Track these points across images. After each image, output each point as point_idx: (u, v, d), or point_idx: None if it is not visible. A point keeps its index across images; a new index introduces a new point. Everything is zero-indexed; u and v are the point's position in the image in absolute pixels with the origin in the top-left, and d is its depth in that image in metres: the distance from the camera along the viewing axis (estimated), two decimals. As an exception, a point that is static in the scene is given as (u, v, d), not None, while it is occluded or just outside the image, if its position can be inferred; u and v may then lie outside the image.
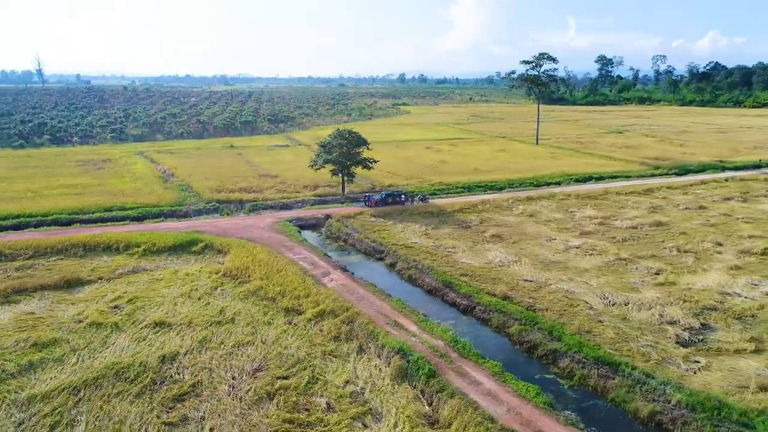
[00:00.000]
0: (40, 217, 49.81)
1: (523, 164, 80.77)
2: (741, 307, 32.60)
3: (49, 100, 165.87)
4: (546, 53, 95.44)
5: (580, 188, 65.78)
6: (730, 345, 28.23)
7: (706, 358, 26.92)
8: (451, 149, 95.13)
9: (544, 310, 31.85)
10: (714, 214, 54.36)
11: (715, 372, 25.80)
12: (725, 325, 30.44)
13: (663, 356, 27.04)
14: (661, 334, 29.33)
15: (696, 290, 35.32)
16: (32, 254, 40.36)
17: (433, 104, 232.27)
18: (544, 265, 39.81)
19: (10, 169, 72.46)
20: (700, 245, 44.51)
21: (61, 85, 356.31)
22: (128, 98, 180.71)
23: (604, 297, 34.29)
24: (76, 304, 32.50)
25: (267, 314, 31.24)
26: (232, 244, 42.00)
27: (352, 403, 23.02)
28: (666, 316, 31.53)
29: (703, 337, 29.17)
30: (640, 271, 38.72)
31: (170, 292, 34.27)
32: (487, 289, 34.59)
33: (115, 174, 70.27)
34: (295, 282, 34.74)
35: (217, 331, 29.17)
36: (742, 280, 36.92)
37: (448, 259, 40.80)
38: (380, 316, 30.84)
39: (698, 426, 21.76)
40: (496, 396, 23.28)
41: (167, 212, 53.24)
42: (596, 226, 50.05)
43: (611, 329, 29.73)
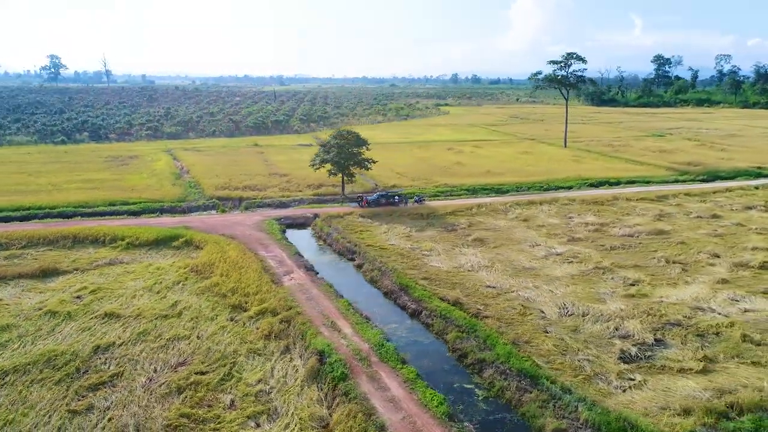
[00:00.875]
0: (48, 210, 52.71)
1: (540, 167, 78.54)
2: (708, 324, 30.59)
3: (101, 99, 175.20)
4: (574, 53, 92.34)
5: (589, 193, 63.34)
6: (676, 363, 26.57)
7: (643, 376, 25.44)
8: (473, 151, 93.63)
9: (489, 317, 30.96)
10: (726, 224, 51.12)
11: (647, 391, 24.34)
12: (681, 342, 28.65)
13: (596, 371, 25.77)
14: (607, 349, 27.94)
15: (667, 304, 33.41)
16: (25, 244, 42.82)
17: (476, 105, 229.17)
18: (515, 272, 38.69)
19: (42, 164, 77.04)
20: (695, 256, 42.04)
21: (125, 85, 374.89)
22: (176, 97, 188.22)
23: (563, 307, 32.96)
24: (44, 292, 34.25)
25: (214, 310, 31.91)
26: (210, 241, 43.10)
27: (255, 401, 23.22)
28: (621, 330, 30.01)
29: (651, 354, 27.59)
30: (615, 282, 36.97)
31: (134, 285, 35.56)
32: (441, 293, 33.93)
33: (135, 170, 73.42)
34: (252, 279, 35.29)
35: (160, 324, 30.05)
36: (724, 295, 34.62)
37: (418, 262, 40.32)
38: (320, 316, 30.89)
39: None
40: (398, 403, 22.87)
41: (167, 208, 55.16)
42: (590, 233, 48.12)
43: (553, 341, 28.57)
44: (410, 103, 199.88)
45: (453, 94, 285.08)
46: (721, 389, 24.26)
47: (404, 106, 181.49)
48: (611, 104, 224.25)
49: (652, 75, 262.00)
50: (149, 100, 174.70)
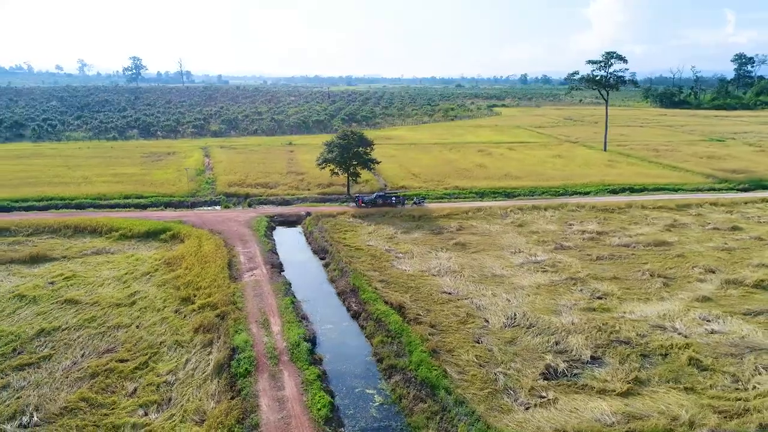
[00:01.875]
0: (67, 201, 56.61)
1: (566, 171, 75.52)
2: (660, 344, 28.53)
3: (164, 98, 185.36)
4: (614, 52, 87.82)
5: (604, 199, 60.25)
6: (601, 383, 25.00)
7: (557, 394, 24.12)
8: (503, 153, 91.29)
9: (423, 323, 30.31)
10: (742, 237, 47.22)
11: (552, 411, 23.06)
12: (619, 362, 26.87)
13: (508, 386, 24.70)
14: (534, 363, 26.68)
15: (627, 320, 31.42)
16: (31, 232, 46.24)
17: (535, 106, 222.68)
18: (481, 278, 37.59)
19: (85, 158, 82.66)
20: (687, 270, 39.22)
21: (200, 84, 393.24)
22: (233, 97, 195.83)
23: (512, 317, 31.75)
24: (25, 277, 36.91)
25: (165, 301, 33.21)
26: (194, 235, 44.76)
27: (155, 391, 24.04)
28: (561, 345, 28.59)
29: (579, 372, 26.12)
30: (582, 294, 35.13)
31: (107, 274, 37.61)
32: (388, 297, 33.53)
33: (163, 166, 77.24)
34: (211, 274, 36.39)
35: (110, 312, 31.67)
36: (696, 314, 32.11)
37: (386, 264, 40.04)
38: (258, 313, 31.44)
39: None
40: (284, 403, 22.97)
41: (175, 202, 57.77)
42: (583, 242, 45.89)
43: (479, 351, 27.63)
44: (462, 104, 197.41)
45: (517, 95, 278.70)
46: (633, 415, 22.63)
47: (455, 107, 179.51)
48: (683, 106, 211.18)
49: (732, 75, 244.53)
50: (208, 100, 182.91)
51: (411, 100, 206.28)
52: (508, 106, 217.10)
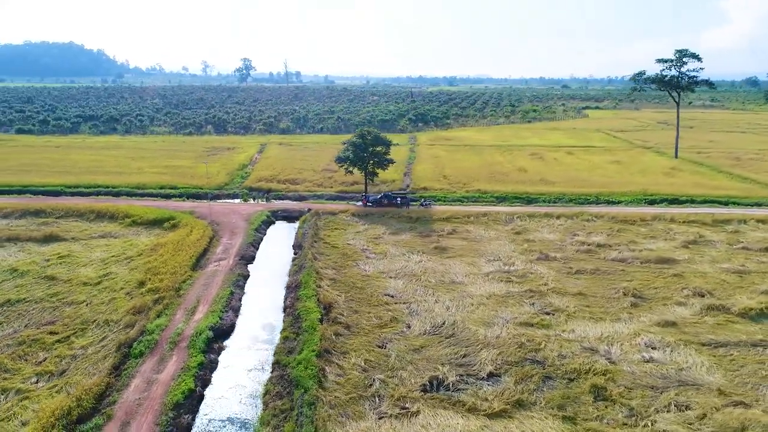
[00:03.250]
0: (109, 188, 62.52)
1: (612, 178, 70.34)
2: (575, 367, 26.38)
3: (251, 97, 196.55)
4: (686, 50, 79.92)
5: (632, 210, 55.49)
6: (477, 402, 23.69)
7: (424, 408, 23.20)
8: (557, 157, 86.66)
9: (339, 324, 30.28)
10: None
11: (403, 423, 22.30)
12: (515, 381, 25.20)
13: (377, 393, 24.10)
14: (423, 373, 25.78)
15: (560, 339, 29.28)
16: (61, 215, 51.80)
17: (634, 109, 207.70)
18: (437, 284, 36.60)
19: (152, 151, 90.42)
20: (672, 292, 35.44)
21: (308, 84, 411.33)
22: (319, 96, 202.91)
23: (438, 325, 30.78)
24: (31, 254, 41.59)
25: (127, 283, 35.95)
26: (190, 224, 47.70)
27: (58, 363, 26.38)
28: (467, 357, 27.42)
29: (464, 388, 24.91)
30: (531, 308, 33.12)
31: (97, 256, 41.37)
32: (323, 295, 33.75)
33: (215, 160, 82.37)
34: (178, 261, 38.76)
35: (75, 289, 34.93)
36: (644, 340, 29.13)
37: (350, 263, 40.20)
38: (193, 300, 33.12)
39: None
40: (152, 385, 24.29)
41: (202, 194, 61.70)
42: (576, 253, 42.88)
43: (374, 356, 27.25)
44: (549, 106, 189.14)
45: (620, 96, 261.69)
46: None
47: (537, 109, 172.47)
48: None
49: None
50: (294, 98, 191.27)
51: (496, 101, 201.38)
52: (603, 108, 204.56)
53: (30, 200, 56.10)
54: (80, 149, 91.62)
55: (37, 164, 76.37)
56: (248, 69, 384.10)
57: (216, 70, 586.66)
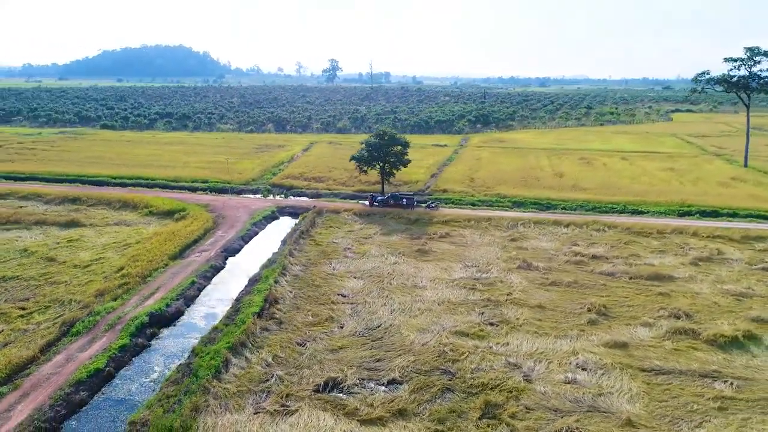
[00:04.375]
0: (149, 180, 67.26)
1: (655, 187, 65.17)
2: (485, 381, 25.22)
3: (325, 96, 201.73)
4: (757, 47, 72.05)
5: (655, 221, 51.22)
6: (361, 406, 23.39)
7: (308, 407, 23.23)
8: (606, 163, 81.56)
9: (273, 319, 30.87)
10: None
11: (275, 419, 22.52)
12: (412, 390, 24.62)
13: (267, 389, 24.44)
14: (322, 374, 25.70)
15: (489, 351, 28.11)
16: (93, 203, 56.56)
17: (733, 112, 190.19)
18: (398, 286, 36.20)
19: (208, 147, 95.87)
20: (645, 311, 32.68)
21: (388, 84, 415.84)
22: (391, 96, 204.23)
23: (372, 327, 30.56)
24: (49, 237, 45.90)
25: (110, 267, 38.73)
26: (195, 216, 50.31)
27: (8, 336, 29.05)
28: (381, 362, 27.14)
29: (357, 392, 24.66)
30: (477, 317, 31.93)
31: (101, 241, 44.88)
32: (275, 291, 34.40)
33: (257, 156, 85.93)
34: (163, 250, 41.16)
35: (64, 270, 38.22)
36: (578, 360, 27.20)
37: (323, 261, 40.67)
38: (154, 288, 35.10)
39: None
40: (69, 362, 26.16)
41: (227, 188, 64.82)
42: (563, 264, 40.53)
43: (287, 353, 27.59)
44: (630, 108, 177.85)
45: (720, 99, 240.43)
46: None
47: (615, 111, 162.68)
48: None
49: None
50: (365, 99, 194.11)
51: (575, 103, 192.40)
52: (696, 111, 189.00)
53: (73, 188, 61.71)
54: (147, 144, 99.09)
55: (101, 157, 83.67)
56: (335, 70, 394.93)
57: (309, 71, 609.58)
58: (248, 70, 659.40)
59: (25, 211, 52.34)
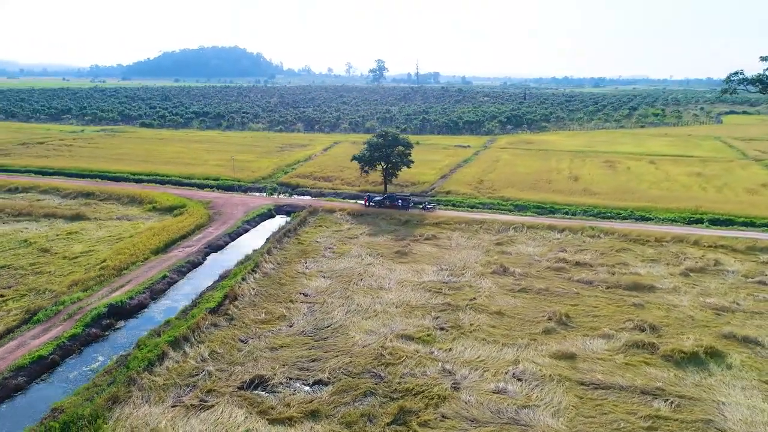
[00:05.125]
0: (164, 177, 69.58)
1: (673, 193, 62.15)
2: (410, 387, 24.91)
3: (362, 96, 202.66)
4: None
5: (657, 228, 48.72)
6: (276, 405, 23.45)
7: (224, 403, 23.56)
8: (630, 167, 78.28)
9: (225, 314, 31.40)
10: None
11: (189, 413, 22.92)
12: (334, 392, 24.53)
13: (192, 383, 24.93)
14: (255, 371, 25.95)
15: (428, 357, 27.66)
16: (105, 198, 59.04)
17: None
18: (363, 287, 36.06)
19: (232, 145, 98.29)
20: (610, 322, 31.30)
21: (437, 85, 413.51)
22: (426, 97, 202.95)
23: (321, 327, 30.62)
24: (52, 229, 48.27)
25: (96, 259, 40.36)
26: (192, 212, 51.73)
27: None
28: (316, 362, 27.23)
29: (279, 391, 24.71)
30: (429, 322, 31.34)
31: (98, 235, 46.80)
32: (235, 287, 34.94)
33: (276, 155, 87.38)
34: (148, 244, 42.61)
35: (54, 261, 40.05)
36: (514, 369, 26.41)
37: (297, 260, 40.96)
38: (126, 281, 36.33)
39: None
40: (18, 349, 27.46)
41: (235, 186, 66.32)
42: (541, 271, 39.26)
43: (227, 349, 27.95)
44: (679, 110, 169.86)
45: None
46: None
47: (660, 112, 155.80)
48: None
49: None
50: (402, 99, 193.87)
51: (619, 104, 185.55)
52: (753, 113, 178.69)
53: (90, 183, 64.66)
54: (176, 141, 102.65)
55: (129, 154, 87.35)
56: (381, 70, 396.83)
57: (359, 71, 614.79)
58: (299, 71, 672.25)
59: (38, 204, 55.29)
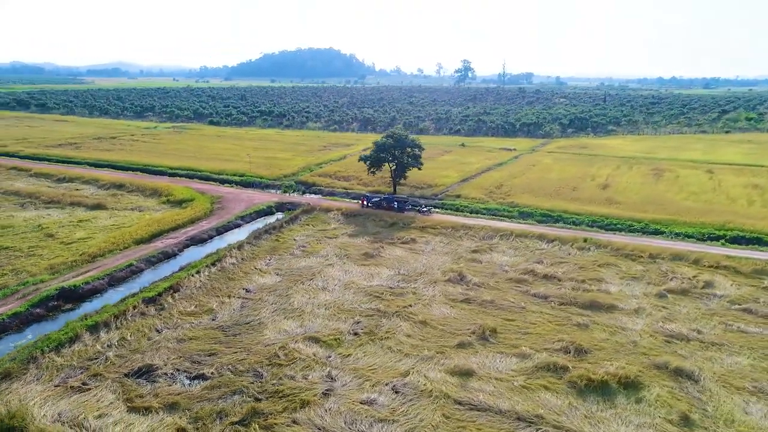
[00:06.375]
0: (195, 171, 73.46)
1: (708, 206, 56.29)
2: (280, 389, 24.73)
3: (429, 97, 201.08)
4: None
5: (648, 243, 44.48)
6: (146, 396, 24.23)
7: (99, 389, 24.78)
8: (680, 175, 71.76)
9: (156, 303, 32.82)
10: (750, 330, 30.48)
11: (55, 395, 24.22)
12: (209, 387, 24.88)
13: (81, 367, 26.35)
14: (144, 362, 26.97)
15: (325, 361, 27.34)
16: (132, 189, 63.46)
17: None
18: (308, 288, 36.20)
19: (281, 143, 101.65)
20: (534, 341, 29.25)
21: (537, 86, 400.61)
22: (498, 98, 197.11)
23: (240, 323, 31.20)
24: (70, 216, 52.69)
25: (87, 246, 43.61)
26: (197, 206, 54.29)
27: (-45, 294, 34.56)
28: (215, 356, 27.75)
29: (158, 384, 25.46)
30: (353, 325, 30.86)
31: (103, 224, 50.46)
32: (188, 281, 36.39)
33: (315, 153, 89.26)
34: (136, 234, 45.33)
35: (49, 246, 43.79)
36: (398, 381, 25.39)
37: (266, 256, 41.82)
38: (94, 267, 38.92)
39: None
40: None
41: (255, 182, 68.65)
42: (501, 282, 37.34)
43: (137, 337, 29.21)
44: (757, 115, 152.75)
45: None
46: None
47: (753, 117, 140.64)
48: None
49: None
50: (470, 100, 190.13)
51: (712, 106, 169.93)
52: None
53: (126, 176, 69.69)
54: (229, 138, 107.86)
55: (181, 149, 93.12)
56: (467, 70, 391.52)
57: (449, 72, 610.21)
58: (391, 71, 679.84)
59: (69, 193, 60.54)
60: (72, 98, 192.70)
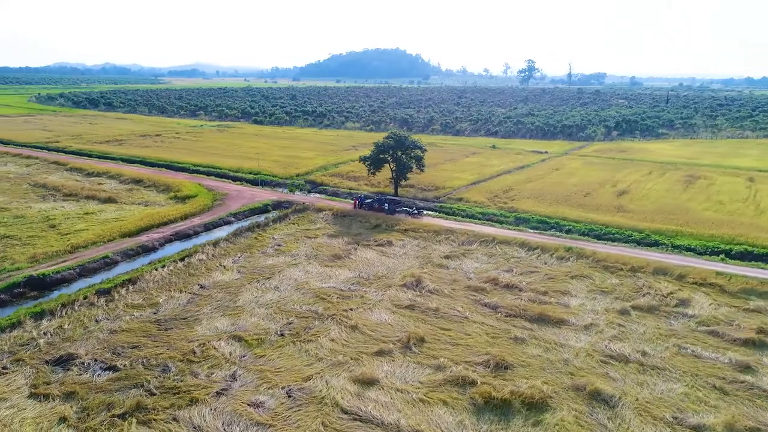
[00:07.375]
0: (216, 169, 75.81)
1: (729, 217, 51.83)
2: (171, 385, 24.95)
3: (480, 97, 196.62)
4: None
5: (638, 254, 41.20)
6: (66, 384, 25.25)
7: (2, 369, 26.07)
8: (719, 183, 66.52)
9: (117, 298, 34.10)
10: (712, 357, 27.82)
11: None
12: (114, 379, 25.57)
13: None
14: (75, 348, 28.08)
15: (238, 361, 27.38)
16: (148, 185, 66.29)
17: None
18: (262, 287, 36.40)
19: (313, 143, 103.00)
20: (455, 351, 28.07)
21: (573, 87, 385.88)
22: (553, 98, 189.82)
23: (176, 318, 31.84)
24: (80, 209, 55.78)
25: (79, 237, 46.04)
26: (197, 203, 56.00)
27: (-59, 277, 37.45)
28: (139, 348, 28.43)
29: (79, 371, 26.43)
30: (284, 327, 30.76)
31: (107, 216, 53.01)
32: (151, 275, 37.54)
33: (340, 153, 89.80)
34: (124, 228, 47.29)
35: (46, 236, 46.45)
36: (293, 386, 25.06)
37: (236, 254, 42.45)
38: (71, 258, 40.93)
39: None
40: (-68, 303, 32.89)
41: (267, 181, 69.84)
42: (457, 290, 35.99)
43: (85, 324, 30.39)
44: None
45: None
46: None
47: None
48: None
49: None
50: (522, 101, 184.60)
51: None
52: None
53: (147, 171, 72.91)
54: (265, 137, 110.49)
55: (214, 147, 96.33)
56: (531, 71, 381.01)
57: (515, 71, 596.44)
58: (457, 72, 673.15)
59: (90, 187, 64.03)
60: (138, 97, 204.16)
